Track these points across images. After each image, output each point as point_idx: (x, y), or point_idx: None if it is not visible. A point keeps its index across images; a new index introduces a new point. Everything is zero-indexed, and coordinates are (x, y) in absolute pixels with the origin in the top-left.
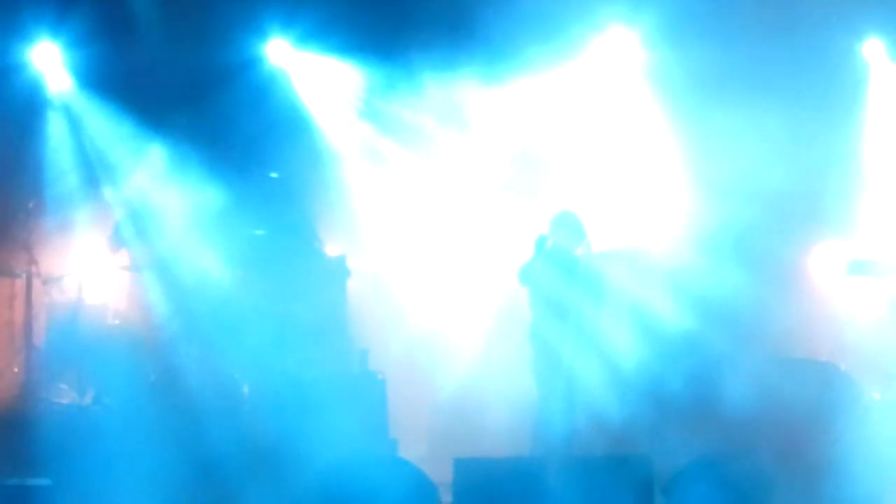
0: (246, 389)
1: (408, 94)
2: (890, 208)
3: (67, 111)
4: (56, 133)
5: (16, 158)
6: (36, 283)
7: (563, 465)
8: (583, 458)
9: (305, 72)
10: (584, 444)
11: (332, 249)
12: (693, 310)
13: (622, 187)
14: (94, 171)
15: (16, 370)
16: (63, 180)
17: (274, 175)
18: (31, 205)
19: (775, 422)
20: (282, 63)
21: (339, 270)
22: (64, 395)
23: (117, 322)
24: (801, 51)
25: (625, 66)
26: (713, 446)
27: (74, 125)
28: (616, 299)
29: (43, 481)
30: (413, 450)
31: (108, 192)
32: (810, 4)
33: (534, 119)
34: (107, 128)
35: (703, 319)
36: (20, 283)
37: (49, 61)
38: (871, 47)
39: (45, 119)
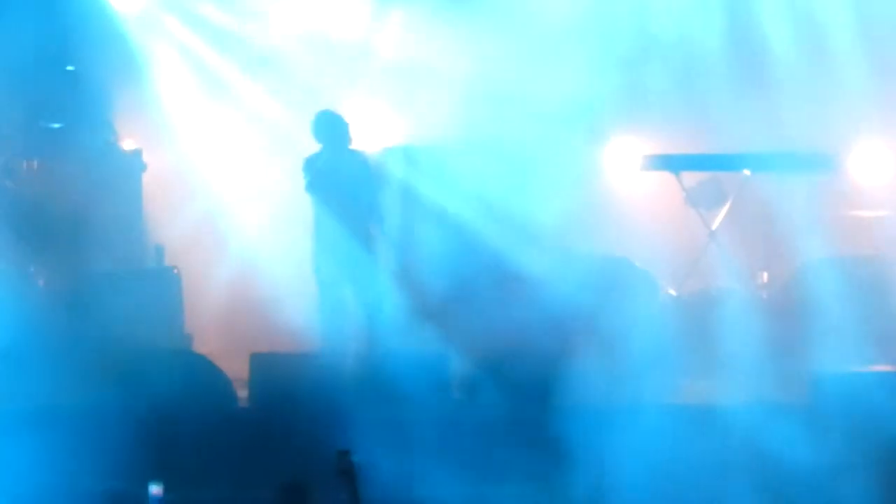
0: (41, 283)
1: None
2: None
3: None
4: None
5: None
6: None
7: (360, 360)
8: (379, 354)
9: None
10: (376, 340)
11: (128, 143)
12: (474, 209)
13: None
14: None
15: None
16: None
17: (70, 68)
18: None
19: (568, 317)
20: None
21: (134, 165)
22: None
23: None
24: None
25: None
26: (506, 344)
27: None
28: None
29: None
30: (208, 345)
31: None
32: None
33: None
34: None
35: (487, 219)
36: None
37: None
38: None
39: None
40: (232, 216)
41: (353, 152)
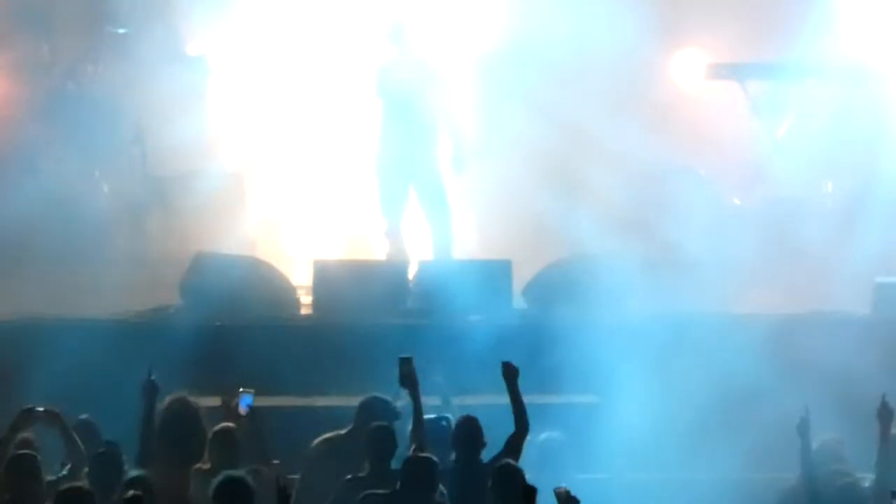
0: (106, 190)
1: None
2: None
3: None
4: None
5: None
6: None
7: (423, 267)
8: (443, 262)
9: None
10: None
11: (192, 49)
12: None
13: None
14: None
15: None
16: None
17: None
18: None
19: (636, 222)
20: None
21: (199, 70)
22: None
23: None
24: None
25: None
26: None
27: None
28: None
29: None
30: (272, 250)
31: None
32: None
33: None
34: None
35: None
36: None
37: None
38: None
39: None
40: (297, 120)
41: (423, 58)
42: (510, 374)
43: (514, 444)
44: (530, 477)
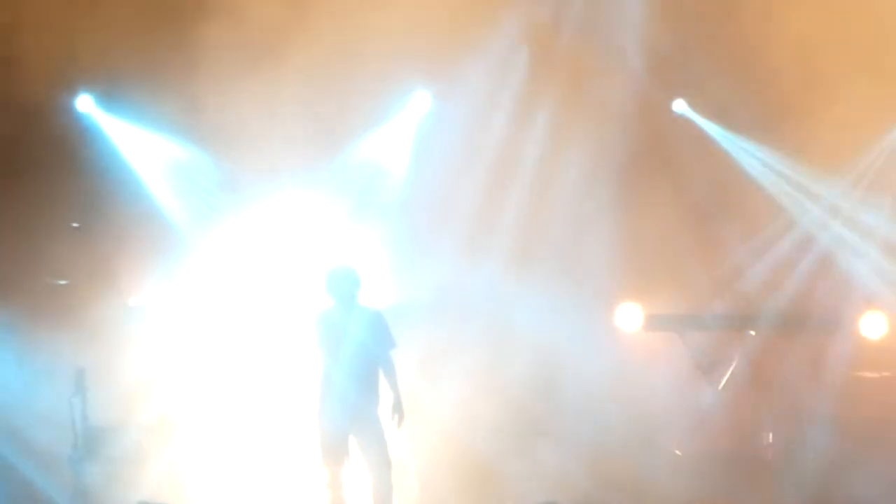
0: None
1: None
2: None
3: None
4: None
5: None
6: None
7: None
8: None
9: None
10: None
11: (133, 299)
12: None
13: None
14: None
15: None
16: None
17: (75, 225)
18: None
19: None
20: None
21: (141, 319)
22: None
23: None
24: None
25: None
26: None
27: None
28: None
29: None
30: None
31: None
32: None
33: None
34: None
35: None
36: None
37: None
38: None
39: None
40: (234, 380)
41: (364, 308)
42: None
43: None
44: None
